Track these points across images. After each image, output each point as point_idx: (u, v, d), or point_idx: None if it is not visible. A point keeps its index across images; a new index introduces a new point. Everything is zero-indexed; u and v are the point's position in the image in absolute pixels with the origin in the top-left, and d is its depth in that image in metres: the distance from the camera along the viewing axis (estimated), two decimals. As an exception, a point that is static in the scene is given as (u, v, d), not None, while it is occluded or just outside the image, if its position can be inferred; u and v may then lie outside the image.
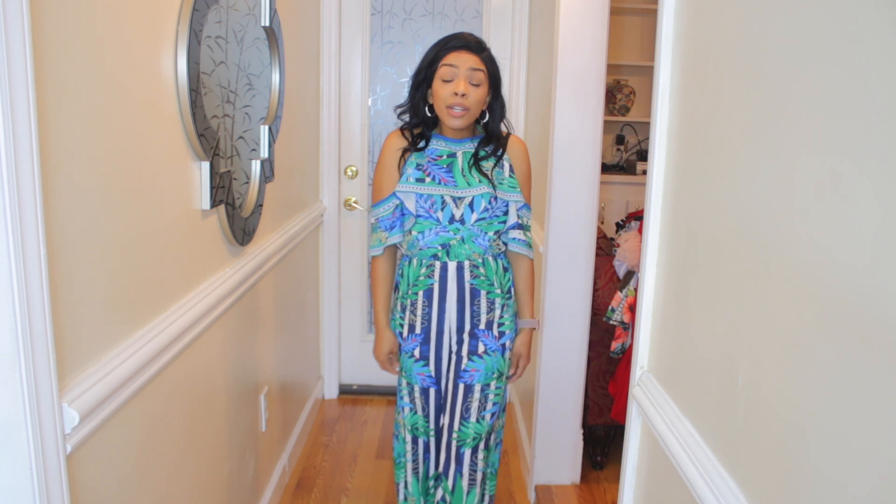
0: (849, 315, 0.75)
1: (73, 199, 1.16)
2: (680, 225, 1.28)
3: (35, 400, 1.00)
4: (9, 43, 0.91)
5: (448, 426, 2.02)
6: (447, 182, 1.94)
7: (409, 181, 1.94)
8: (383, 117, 3.49)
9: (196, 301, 1.68)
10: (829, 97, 0.79)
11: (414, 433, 2.07)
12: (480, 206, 1.93)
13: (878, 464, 0.70)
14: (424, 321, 1.98)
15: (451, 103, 1.86)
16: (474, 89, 1.87)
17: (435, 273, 1.95)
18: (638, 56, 4.90)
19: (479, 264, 1.96)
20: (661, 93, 1.34)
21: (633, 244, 2.69)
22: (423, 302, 1.97)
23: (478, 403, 2.00)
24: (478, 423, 2.00)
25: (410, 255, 1.99)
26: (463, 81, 1.85)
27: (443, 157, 1.96)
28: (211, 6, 1.72)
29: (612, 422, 2.79)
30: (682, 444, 1.17)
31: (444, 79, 1.87)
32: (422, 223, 1.94)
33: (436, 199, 1.92)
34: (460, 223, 1.93)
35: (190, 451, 1.73)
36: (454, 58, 1.85)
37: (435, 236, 1.94)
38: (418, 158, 1.96)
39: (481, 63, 1.87)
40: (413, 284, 1.98)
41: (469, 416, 2.00)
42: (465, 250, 1.94)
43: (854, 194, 0.74)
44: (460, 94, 1.84)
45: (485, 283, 1.96)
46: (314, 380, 3.46)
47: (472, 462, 2.03)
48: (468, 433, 2.00)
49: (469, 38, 1.89)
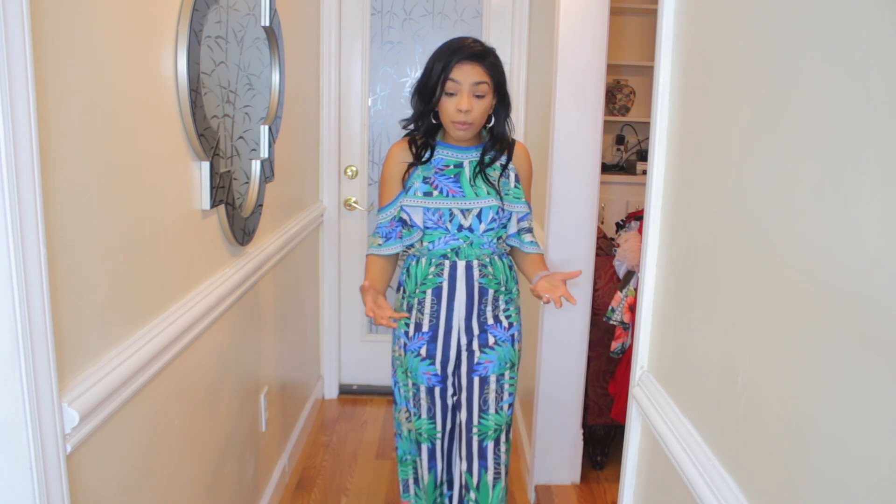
0: (849, 315, 0.75)
1: (73, 198, 1.16)
2: (680, 225, 1.28)
3: (35, 400, 1.00)
4: (9, 43, 0.91)
5: (466, 422, 2.02)
6: (455, 193, 1.93)
7: (416, 195, 1.93)
8: (383, 117, 3.49)
9: (196, 301, 1.68)
10: (830, 97, 0.79)
11: (418, 439, 2.05)
12: (488, 217, 1.94)
13: (878, 464, 0.70)
14: (433, 319, 1.98)
15: (455, 119, 1.87)
16: (478, 102, 1.86)
17: (444, 272, 1.96)
18: (638, 56, 4.90)
19: (487, 263, 1.97)
20: (661, 93, 1.34)
21: (633, 244, 2.69)
22: (431, 300, 1.97)
23: (495, 395, 2.01)
24: (497, 413, 2.01)
25: (419, 255, 1.99)
26: (466, 97, 1.84)
27: (450, 168, 1.95)
28: (211, 6, 1.72)
29: (612, 422, 2.79)
30: (682, 444, 1.17)
31: (447, 92, 1.86)
32: (431, 234, 1.94)
33: (444, 212, 1.93)
34: (469, 231, 1.94)
35: (190, 451, 1.73)
36: (457, 72, 1.84)
37: (444, 245, 1.95)
38: (425, 171, 1.95)
39: (485, 74, 1.85)
40: (421, 283, 1.98)
41: (488, 408, 2.01)
42: (473, 251, 1.95)
43: (854, 194, 0.74)
44: (464, 111, 1.85)
45: (492, 282, 1.98)
46: (314, 380, 3.46)
47: (496, 455, 2.03)
48: (489, 425, 2.01)
49: (472, 46, 1.87)
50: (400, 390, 2.07)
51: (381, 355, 3.63)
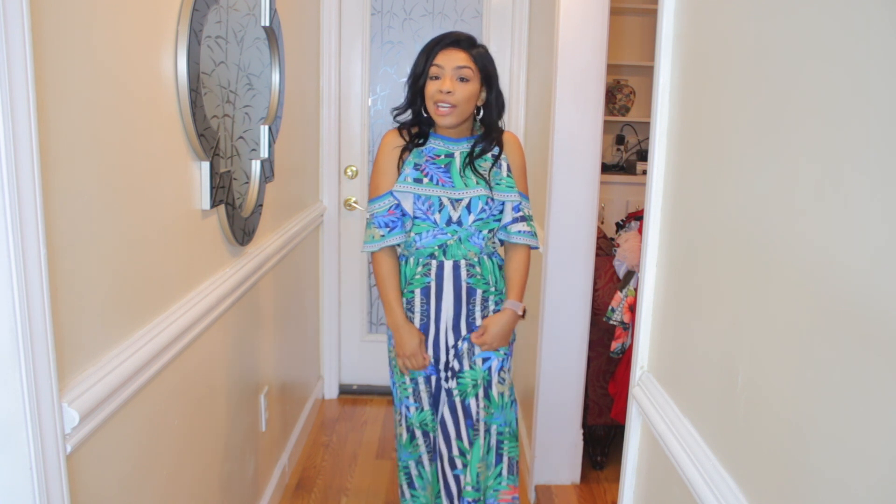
0: (848, 315, 0.75)
1: (73, 199, 1.16)
2: (680, 225, 1.28)
3: (35, 400, 1.00)
4: (9, 43, 0.91)
5: (447, 391, 2.01)
6: (445, 183, 1.95)
7: (406, 181, 1.95)
8: (383, 117, 3.49)
9: (196, 301, 1.68)
10: (830, 97, 0.79)
11: (424, 429, 2.07)
12: (477, 207, 1.95)
13: (878, 464, 0.70)
14: (424, 317, 2.00)
15: (437, 100, 1.90)
16: (461, 85, 1.88)
17: (431, 272, 1.97)
18: (638, 56, 4.90)
19: (476, 263, 1.98)
20: (661, 93, 1.34)
21: (633, 244, 2.69)
22: (420, 299, 1.99)
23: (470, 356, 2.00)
24: (472, 369, 1.99)
25: (407, 254, 2.01)
26: (448, 79, 1.88)
27: (440, 157, 1.97)
28: (211, 6, 1.72)
29: (612, 422, 2.79)
30: (682, 444, 1.17)
31: (432, 76, 1.90)
32: (419, 225, 1.95)
33: (433, 200, 1.93)
34: (457, 225, 1.95)
35: (190, 451, 1.73)
36: (441, 57, 1.89)
37: (432, 238, 1.95)
38: (416, 158, 1.97)
39: (469, 60, 1.89)
40: (409, 283, 2.00)
41: (462, 367, 1.99)
42: (461, 250, 1.96)
43: (854, 194, 0.74)
44: (445, 92, 1.87)
45: (481, 282, 1.99)
46: (314, 380, 3.46)
47: (478, 411, 2.00)
48: (466, 383, 2.00)
49: (458, 34, 1.92)
50: (398, 391, 2.08)
51: (381, 355, 3.63)
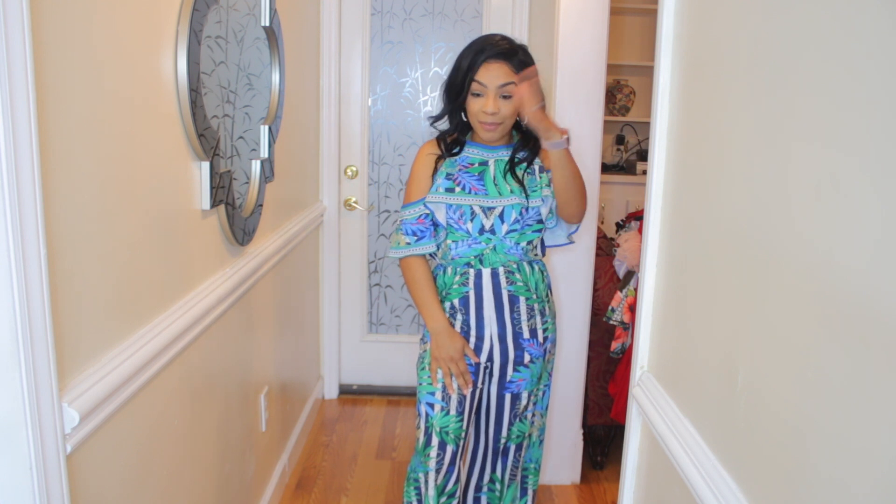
0: (848, 316, 0.75)
1: (72, 199, 1.16)
2: (680, 225, 1.28)
3: (35, 400, 1.00)
4: (9, 43, 0.91)
5: (494, 433, 2.04)
6: (477, 191, 1.89)
7: (438, 191, 1.89)
8: (383, 117, 3.49)
9: (196, 301, 1.68)
10: (830, 97, 0.79)
11: (443, 437, 1.94)
12: (511, 217, 1.87)
13: (878, 464, 0.70)
14: (464, 326, 1.94)
15: (481, 120, 1.84)
16: (505, 103, 1.82)
17: (469, 281, 1.90)
18: (638, 56, 4.91)
19: (515, 270, 1.90)
20: (661, 93, 1.34)
21: (633, 244, 2.69)
22: (460, 309, 1.93)
23: (523, 409, 2.02)
24: (521, 422, 2.03)
25: (445, 263, 1.95)
26: (492, 99, 1.81)
27: (474, 165, 1.91)
28: (211, 6, 1.72)
29: (612, 422, 2.79)
30: (682, 444, 1.17)
31: (474, 93, 1.83)
32: (454, 233, 1.90)
33: (465, 209, 1.88)
34: (490, 234, 1.88)
35: (190, 451, 1.73)
36: (483, 73, 1.80)
37: (468, 248, 1.89)
38: (448, 168, 1.91)
39: (512, 73, 1.80)
40: (447, 293, 1.94)
41: (515, 419, 2.03)
42: (499, 258, 1.89)
43: (854, 195, 0.74)
44: (489, 113, 1.82)
45: (522, 288, 1.91)
46: (314, 380, 3.46)
47: (515, 459, 2.07)
48: (513, 433, 2.04)
49: (499, 44, 1.83)
50: (422, 388, 1.96)
51: (381, 355, 3.63)
